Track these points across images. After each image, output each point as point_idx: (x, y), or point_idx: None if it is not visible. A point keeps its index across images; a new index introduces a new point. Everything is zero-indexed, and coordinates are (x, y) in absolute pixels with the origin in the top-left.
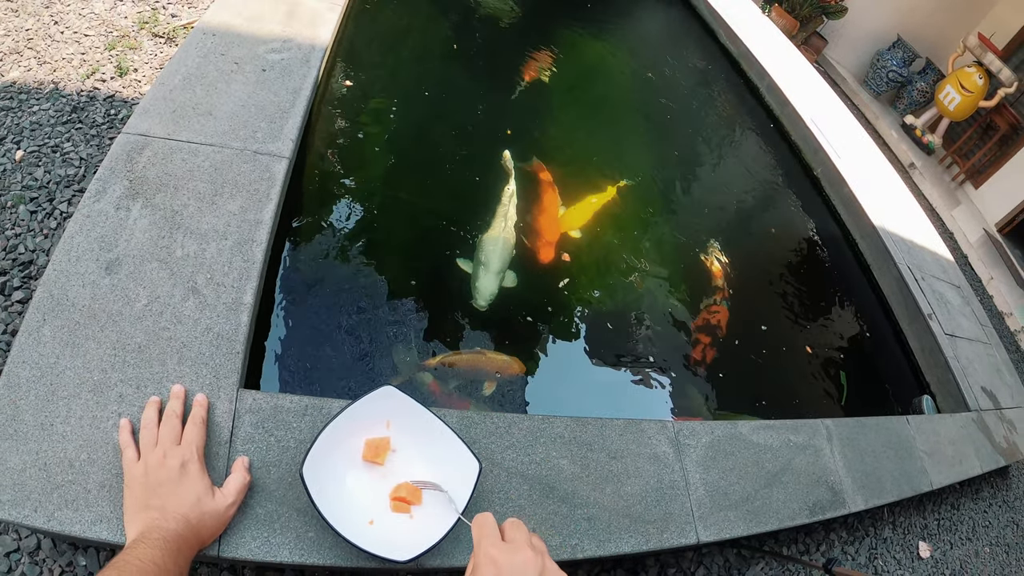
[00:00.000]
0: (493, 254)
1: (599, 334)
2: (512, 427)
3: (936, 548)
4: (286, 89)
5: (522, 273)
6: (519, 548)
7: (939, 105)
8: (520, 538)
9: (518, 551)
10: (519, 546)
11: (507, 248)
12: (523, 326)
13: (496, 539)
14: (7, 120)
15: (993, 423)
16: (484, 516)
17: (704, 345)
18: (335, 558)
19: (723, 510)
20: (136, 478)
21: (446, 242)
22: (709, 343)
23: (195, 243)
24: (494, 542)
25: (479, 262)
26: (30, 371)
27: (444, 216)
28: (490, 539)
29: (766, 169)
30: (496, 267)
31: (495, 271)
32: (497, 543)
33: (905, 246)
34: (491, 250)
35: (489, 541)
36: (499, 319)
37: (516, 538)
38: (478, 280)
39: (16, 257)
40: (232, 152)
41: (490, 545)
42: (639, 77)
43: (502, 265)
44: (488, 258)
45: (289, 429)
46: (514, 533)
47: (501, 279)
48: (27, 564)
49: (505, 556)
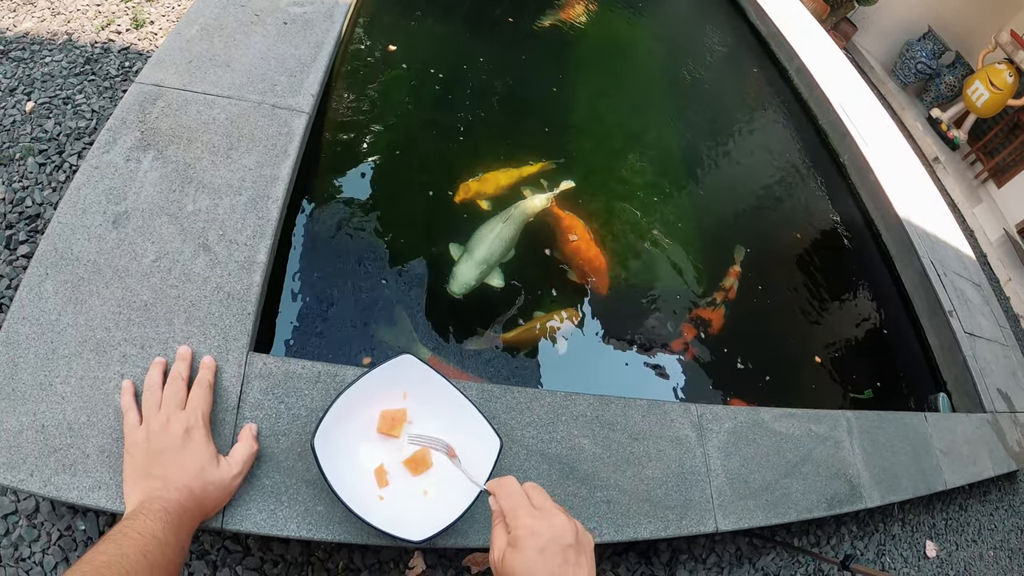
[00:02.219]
0: (482, 246)
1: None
2: (533, 403)
3: (942, 548)
4: (307, 43)
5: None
6: (553, 514)
7: (967, 100)
8: (549, 503)
9: (554, 517)
10: (553, 512)
11: (499, 244)
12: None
13: (529, 507)
14: (18, 71)
15: (1007, 426)
16: (508, 482)
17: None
18: (344, 534)
19: (743, 499)
20: (137, 443)
21: (469, 207)
22: (692, 339)
23: (208, 198)
24: (529, 511)
25: (466, 250)
26: (30, 328)
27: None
28: (525, 508)
29: (792, 152)
30: (480, 258)
31: (478, 261)
32: (532, 512)
33: (929, 240)
34: (481, 242)
35: (525, 511)
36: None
37: (545, 504)
38: (458, 267)
39: (23, 210)
40: (249, 105)
41: (526, 516)
42: (665, 52)
43: (488, 258)
44: (476, 248)
45: (300, 396)
46: (541, 499)
47: (484, 272)
48: (25, 527)
49: (543, 524)
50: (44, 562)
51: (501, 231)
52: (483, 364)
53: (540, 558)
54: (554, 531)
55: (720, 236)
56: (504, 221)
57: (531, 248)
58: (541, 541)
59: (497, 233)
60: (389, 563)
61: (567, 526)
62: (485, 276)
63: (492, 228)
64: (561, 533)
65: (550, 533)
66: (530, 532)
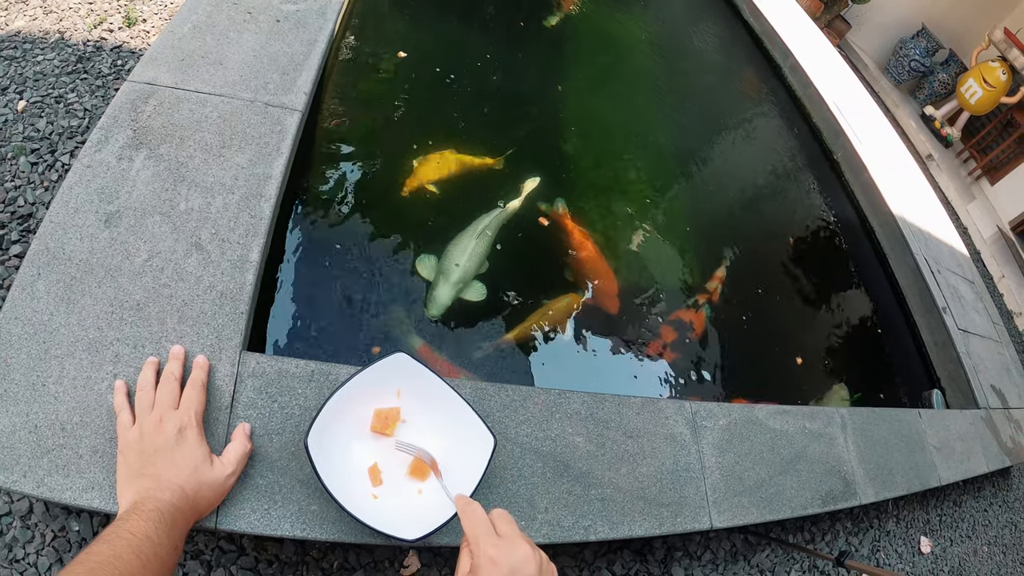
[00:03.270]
0: (456, 264)
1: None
2: (527, 401)
3: (937, 544)
4: (300, 41)
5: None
6: (517, 544)
7: (960, 98)
8: (514, 532)
9: (517, 547)
10: (516, 542)
11: (473, 261)
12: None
13: (492, 536)
14: (10, 70)
15: (1001, 422)
16: (473, 508)
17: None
18: (339, 533)
19: (737, 496)
20: (130, 443)
21: (462, 205)
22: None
23: (200, 196)
24: (492, 540)
25: (440, 270)
26: (22, 327)
27: (461, 179)
28: (487, 537)
29: (785, 149)
30: (456, 279)
31: (454, 282)
32: (495, 541)
33: (923, 237)
34: (455, 259)
35: (487, 540)
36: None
37: (510, 532)
38: (434, 290)
39: (15, 210)
40: (242, 103)
41: (488, 545)
42: (657, 48)
43: (464, 277)
44: (449, 267)
45: (294, 395)
46: (506, 527)
47: (460, 290)
48: (19, 528)
49: (505, 554)
50: (38, 563)
51: (475, 248)
52: (476, 362)
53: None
54: (515, 562)
55: (715, 233)
56: (477, 237)
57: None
58: (502, 571)
59: (471, 250)
60: (384, 562)
61: (530, 558)
62: (461, 293)
63: (465, 246)
64: (523, 564)
65: (511, 564)
66: (491, 561)
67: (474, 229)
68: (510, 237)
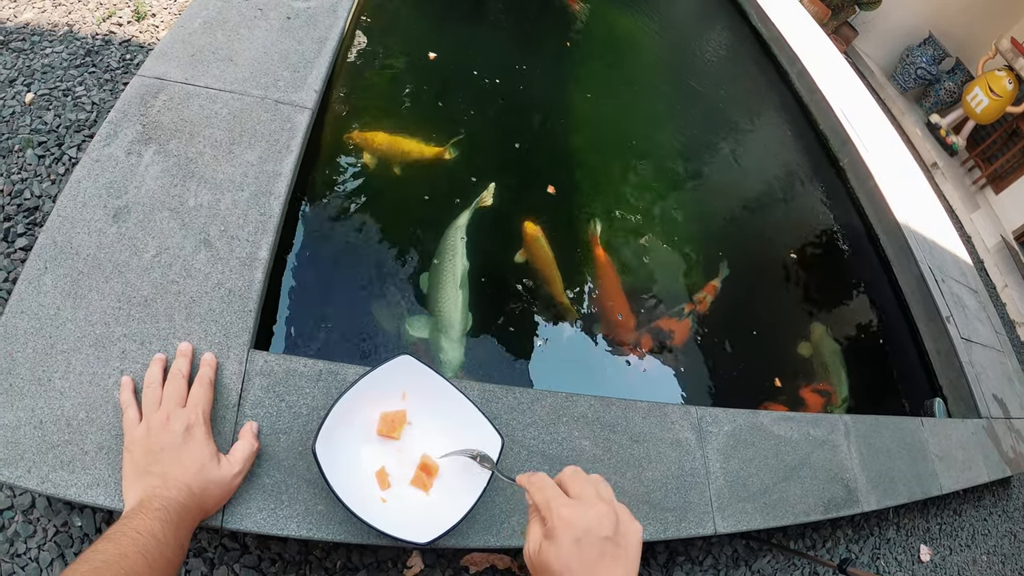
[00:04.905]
0: (452, 317)
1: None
2: (535, 403)
3: (936, 553)
4: (311, 38)
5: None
6: (591, 503)
7: (966, 107)
8: (588, 492)
9: (591, 506)
10: (590, 501)
11: (465, 310)
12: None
13: (564, 497)
14: (18, 62)
15: (1002, 432)
16: (539, 477)
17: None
18: (345, 534)
19: (741, 501)
20: (137, 441)
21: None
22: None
23: (209, 193)
24: (564, 501)
25: (439, 329)
26: (29, 322)
27: (471, 176)
28: (557, 499)
29: (791, 155)
30: (458, 334)
31: (458, 339)
32: (567, 502)
33: (927, 246)
34: (449, 316)
35: (558, 502)
36: (517, 290)
37: (583, 493)
38: (444, 353)
39: (21, 203)
40: (252, 100)
41: (561, 506)
42: (667, 53)
43: (464, 329)
44: (448, 325)
45: (302, 395)
46: (579, 488)
47: (465, 340)
48: (21, 523)
49: (579, 514)
50: (40, 558)
51: (462, 298)
52: (479, 365)
53: (575, 549)
54: (589, 521)
55: (722, 238)
56: (461, 287)
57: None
58: (577, 532)
59: (462, 302)
60: (387, 562)
61: (606, 517)
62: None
63: (454, 299)
64: (598, 524)
65: (586, 524)
66: (566, 523)
67: (452, 276)
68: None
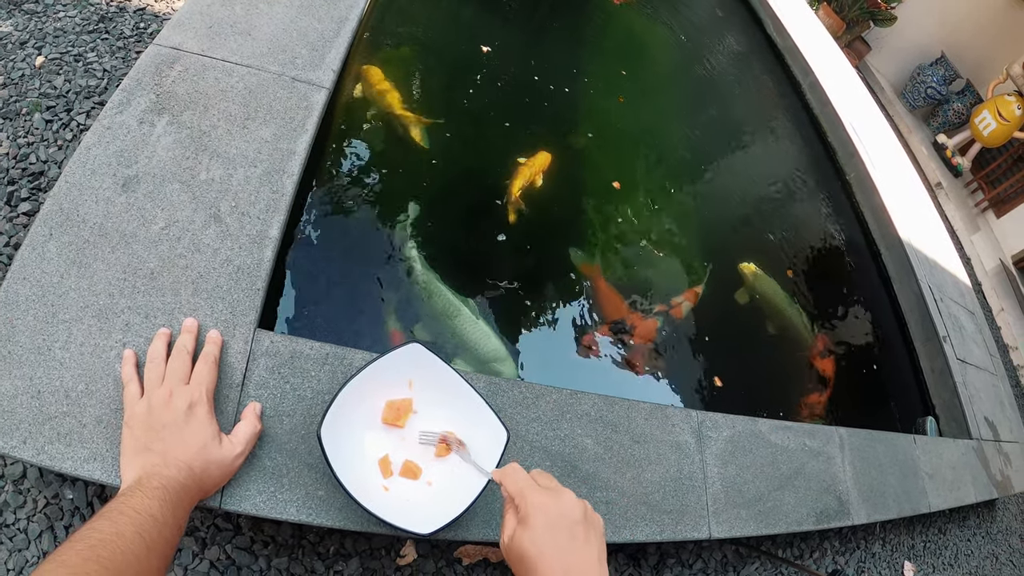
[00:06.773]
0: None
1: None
2: (540, 399)
3: (920, 570)
4: (331, 17)
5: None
6: (561, 491)
7: (973, 129)
8: (556, 484)
9: (561, 493)
10: (560, 490)
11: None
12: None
13: (537, 487)
14: (30, 24)
15: (991, 454)
16: (514, 467)
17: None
18: (346, 521)
19: (736, 507)
20: (137, 416)
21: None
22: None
23: (221, 167)
24: (538, 490)
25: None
26: (30, 289)
27: (486, 164)
28: (531, 488)
29: (799, 166)
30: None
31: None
32: (540, 491)
33: (928, 264)
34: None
35: (532, 491)
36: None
37: (552, 485)
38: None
39: (27, 167)
40: (269, 76)
41: (535, 494)
42: (680, 58)
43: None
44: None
45: (307, 377)
46: (547, 481)
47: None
48: (11, 493)
49: (552, 501)
50: (28, 529)
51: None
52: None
53: (549, 533)
54: (562, 507)
55: (726, 243)
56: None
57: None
58: (550, 517)
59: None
60: (380, 550)
61: (576, 504)
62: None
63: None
64: (570, 510)
65: (558, 509)
66: (538, 509)
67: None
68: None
